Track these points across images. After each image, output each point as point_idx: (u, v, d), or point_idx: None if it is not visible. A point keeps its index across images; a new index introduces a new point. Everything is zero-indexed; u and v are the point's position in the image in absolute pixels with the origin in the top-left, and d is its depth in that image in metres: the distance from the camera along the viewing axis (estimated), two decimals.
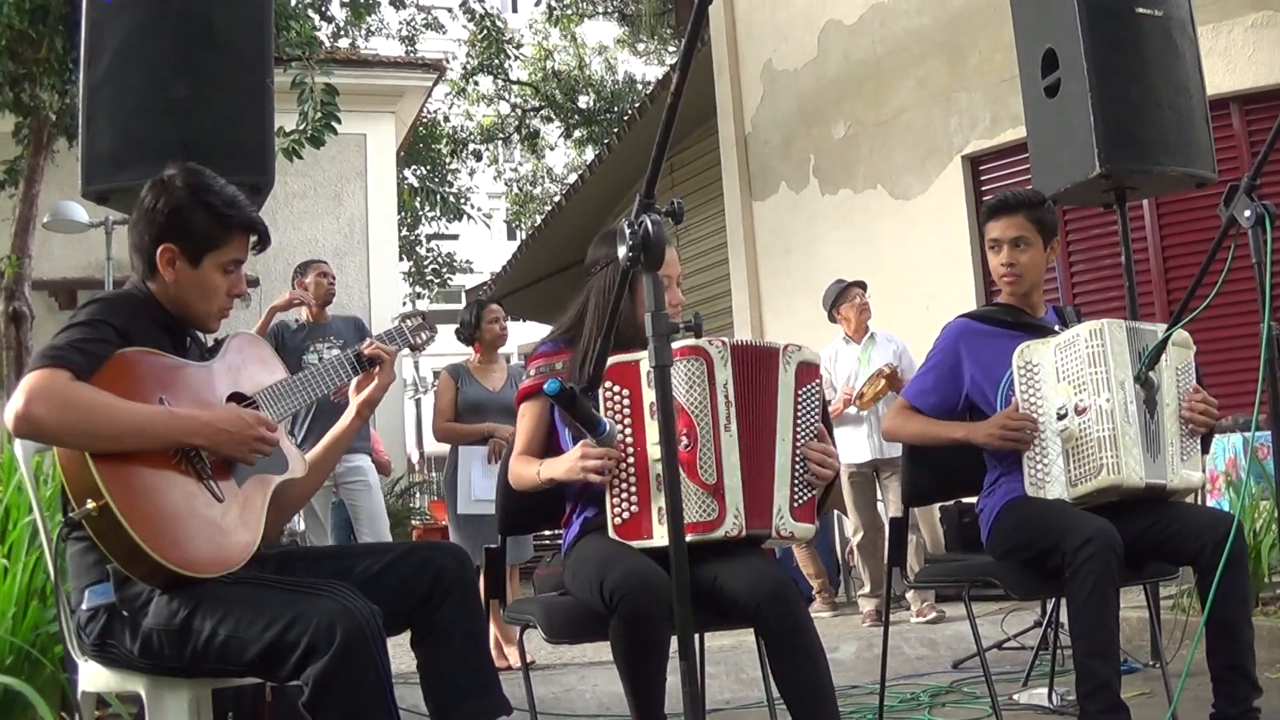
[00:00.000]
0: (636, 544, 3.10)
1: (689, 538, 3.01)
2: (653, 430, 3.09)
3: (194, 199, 2.84)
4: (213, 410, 2.77)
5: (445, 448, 7.18)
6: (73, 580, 2.76)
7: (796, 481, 3.29)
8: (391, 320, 3.38)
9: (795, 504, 3.28)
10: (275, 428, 2.84)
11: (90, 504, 2.51)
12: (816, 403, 3.37)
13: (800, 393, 3.32)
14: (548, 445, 3.50)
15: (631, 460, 3.14)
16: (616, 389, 3.17)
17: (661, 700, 3.08)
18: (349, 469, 6.88)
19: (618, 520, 3.14)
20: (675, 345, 3.08)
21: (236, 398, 2.92)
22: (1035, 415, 3.78)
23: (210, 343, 3.04)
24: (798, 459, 3.29)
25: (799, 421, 3.31)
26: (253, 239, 2.97)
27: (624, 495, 3.14)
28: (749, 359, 3.28)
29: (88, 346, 2.62)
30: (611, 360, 3.14)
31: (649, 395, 3.10)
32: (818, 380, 3.39)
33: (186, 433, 2.66)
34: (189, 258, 2.85)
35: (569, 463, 3.20)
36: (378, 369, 3.19)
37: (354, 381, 3.20)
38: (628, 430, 3.15)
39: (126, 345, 2.71)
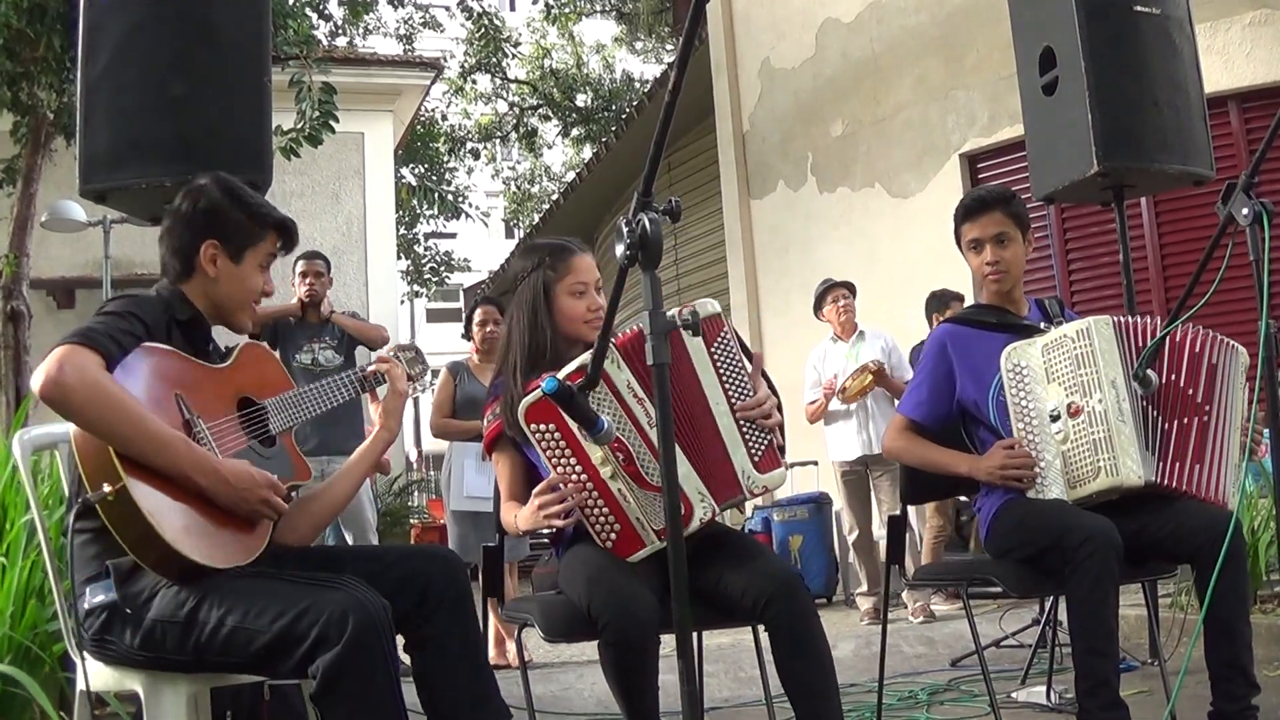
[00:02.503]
0: (634, 558, 3.09)
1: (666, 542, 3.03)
2: (593, 450, 3.06)
3: (230, 199, 2.98)
4: (228, 462, 2.77)
5: (444, 446, 7.20)
6: (73, 574, 2.77)
7: (749, 439, 3.21)
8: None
9: (755, 458, 3.21)
10: (285, 492, 2.87)
11: (106, 487, 2.53)
12: (734, 352, 3.26)
13: (714, 351, 3.23)
14: (530, 482, 3.39)
15: (591, 487, 3.11)
16: (543, 428, 3.11)
17: (656, 707, 3.09)
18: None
19: (608, 545, 3.14)
20: (568, 370, 3.05)
21: (246, 403, 2.96)
22: (1028, 417, 3.77)
23: (224, 348, 3.07)
24: (743, 426, 3.21)
25: (725, 381, 3.22)
26: (280, 241, 3.09)
27: (602, 522, 3.13)
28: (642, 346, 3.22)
29: (118, 335, 2.67)
30: (526, 402, 3.10)
31: (573, 423, 3.02)
32: (725, 329, 3.27)
33: (195, 470, 2.67)
34: (231, 254, 2.97)
35: (531, 516, 3.16)
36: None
37: (371, 405, 3.27)
38: (574, 463, 3.11)
39: (149, 336, 2.76)
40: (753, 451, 3.22)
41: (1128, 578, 3.69)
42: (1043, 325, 3.96)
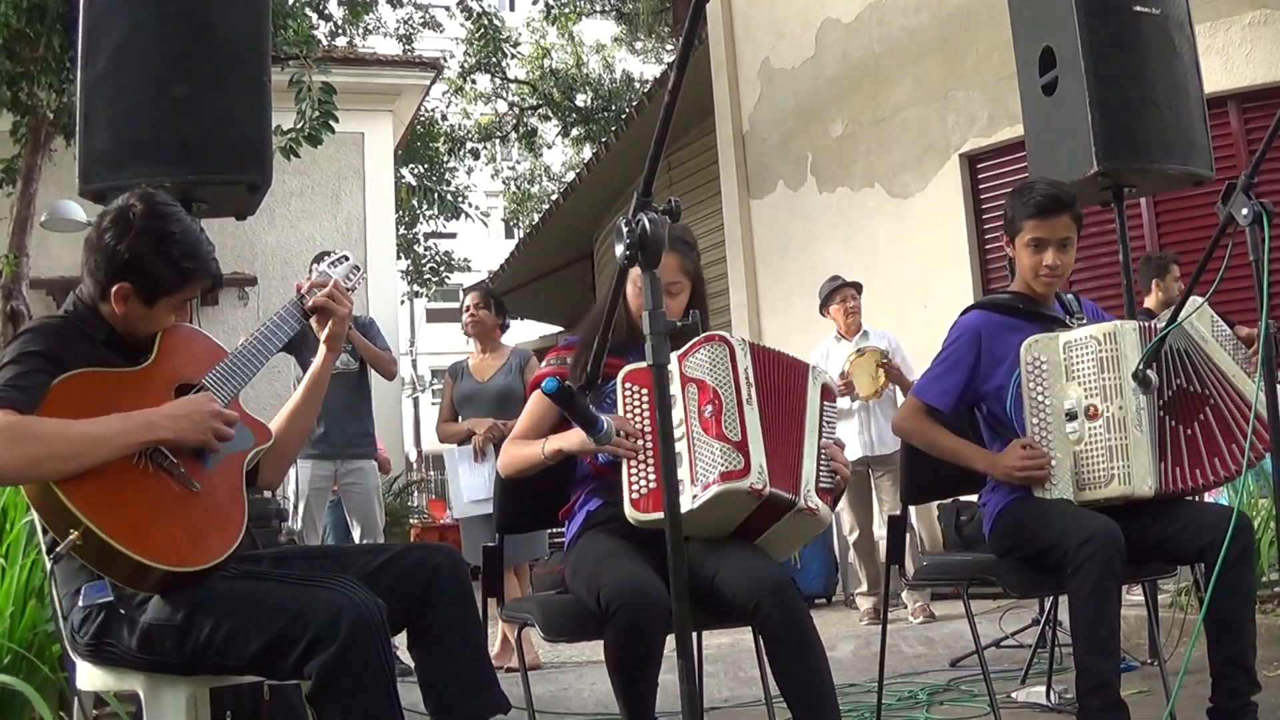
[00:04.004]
0: (654, 516, 3.11)
1: (716, 489, 3.14)
2: (675, 413, 3.17)
3: (155, 248, 2.81)
4: (168, 404, 2.76)
5: (443, 446, 7.16)
6: (61, 587, 2.76)
7: (820, 465, 3.39)
8: (314, 267, 3.33)
9: (820, 484, 3.37)
10: (231, 418, 2.82)
11: (73, 534, 2.49)
12: (834, 420, 3.54)
13: (824, 405, 3.48)
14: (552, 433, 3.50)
15: (649, 445, 3.22)
16: (635, 388, 3.31)
17: (653, 704, 3.10)
18: (350, 469, 6.84)
19: (635, 496, 3.19)
20: (697, 339, 3.29)
21: (184, 388, 2.89)
22: (1043, 412, 3.74)
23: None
24: (822, 455, 3.41)
25: (823, 427, 3.45)
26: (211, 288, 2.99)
27: (641, 473, 3.20)
28: (778, 363, 3.45)
29: (23, 381, 2.59)
30: (632, 367, 3.31)
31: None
32: (835, 402, 3.58)
33: (144, 428, 2.64)
34: (144, 299, 2.85)
35: (584, 437, 3.19)
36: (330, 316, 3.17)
37: (314, 326, 3.19)
38: (645, 418, 3.25)
39: (61, 370, 2.67)
40: (820, 478, 3.40)
41: (1128, 578, 3.68)
42: (1067, 320, 3.94)
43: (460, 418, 6.88)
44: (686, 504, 3.09)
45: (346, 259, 3.34)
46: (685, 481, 3.14)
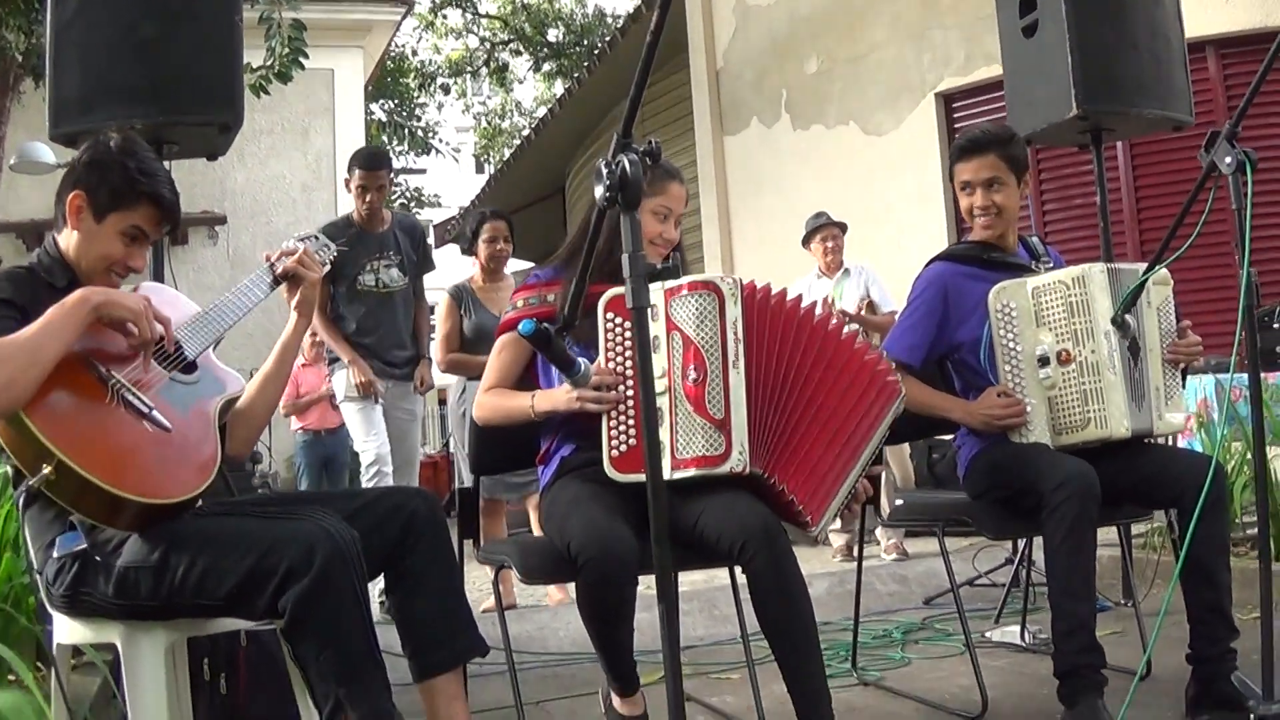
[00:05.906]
0: (634, 477, 3.06)
1: (694, 471, 3.03)
2: (655, 362, 3.03)
3: (115, 157, 2.87)
4: (86, 289, 2.71)
5: (444, 379, 6.85)
6: (34, 541, 2.75)
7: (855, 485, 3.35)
8: (288, 242, 3.29)
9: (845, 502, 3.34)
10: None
11: (45, 468, 2.46)
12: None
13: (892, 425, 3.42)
14: (523, 383, 3.47)
15: (631, 392, 3.10)
16: (618, 321, 3.15)
17: (630, 649, 3.11)
18: (402, 393, 6.45)
19: (615, 453, 3.11)
20: (688, 280, 3.09)
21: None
22: (1015, 359, 3.75)
23: None
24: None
25: (876, 448, 3.38)
26: (157, 219, 2.94)
27: (623, 428, 3.11)
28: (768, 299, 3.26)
29: None
30: (613, 292, 3.13)
31: (652, 328, 3.02)
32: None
33: (78, 299, 2.60)
34: (94, 210, 2.87)
35: (565, 397, 3.16)
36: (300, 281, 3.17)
37: (284, 293, 3.17)
38: (628, 358, 3.11)
39: (25, 317, 2.64)
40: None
41: (1103, 520, 3.69)
42: (1033, 265, 3.94)
43: (466, 351, 6.46)
44: (665, 471, 3.00)
45: (317, 238, 3.31)
46: (665, 445, 3.03)
